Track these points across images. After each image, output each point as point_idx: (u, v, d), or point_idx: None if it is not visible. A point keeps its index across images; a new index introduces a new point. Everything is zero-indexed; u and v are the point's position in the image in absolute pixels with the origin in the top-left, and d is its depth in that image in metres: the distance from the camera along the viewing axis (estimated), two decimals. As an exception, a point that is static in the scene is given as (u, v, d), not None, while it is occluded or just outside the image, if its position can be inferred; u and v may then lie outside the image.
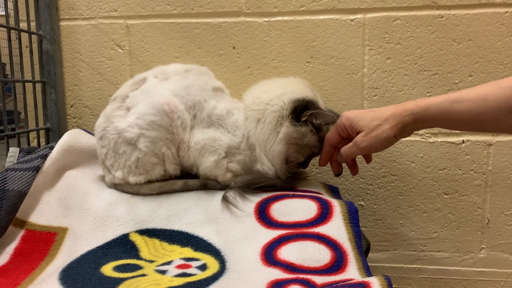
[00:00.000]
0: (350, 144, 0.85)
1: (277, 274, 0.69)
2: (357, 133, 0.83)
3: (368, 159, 0.93)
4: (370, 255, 1.09)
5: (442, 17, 1.10)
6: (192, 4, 1.17)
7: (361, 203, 1.19)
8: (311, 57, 1.16)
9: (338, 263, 0.72)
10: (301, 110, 0.89)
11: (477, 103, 0.72)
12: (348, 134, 0.86)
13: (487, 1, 1.09)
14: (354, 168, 0.94)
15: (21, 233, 0.78)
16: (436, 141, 1.15)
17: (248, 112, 0.92)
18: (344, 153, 0.86)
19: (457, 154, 1.15)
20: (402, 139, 1.14)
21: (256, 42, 1.17)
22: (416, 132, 1.15)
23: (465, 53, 1.11)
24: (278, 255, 0.73)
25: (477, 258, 1.19)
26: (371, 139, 0.81)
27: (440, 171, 1.16)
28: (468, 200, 1.16)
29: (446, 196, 1.17)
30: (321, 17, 1.14)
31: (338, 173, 0.94)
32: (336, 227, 0.78)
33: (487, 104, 0.71)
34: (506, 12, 1.08)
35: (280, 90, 0.92)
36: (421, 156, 1.16)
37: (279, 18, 1.15)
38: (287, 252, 0.73)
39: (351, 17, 1.13)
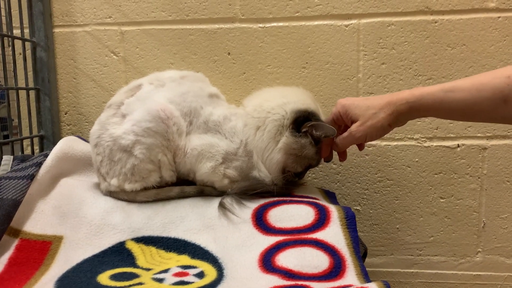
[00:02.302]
0: (345, 134, 0.84)
1: (276, 281, 0.68)
2: (352, 121, 0.83)
3: (361, 147, 0.92)
4: (366, 260, 1.09)
5: (436, 22, 1.11)
6: (186, 11, 1.17)
7: (358, 208, 1.19)
8: (306, 63, 1.16)
9: (336, 269, 0.72)
10: (302, 121, 0.88)
11: (471, 92, 0.72)
12: (343, 122, 0.86)
13: (480, 6, 1.10)
14: (343, 155, 0.93)
15: (16, 242, 0.77)
16: (432, 145, 1.15)
17: (249, 119, 0.92)
18: (340, 143, 0.87)
19: (452, 158, 1.15)
20: (397, 143, 1.16)
21: (251, 48, 1.17)
22: (411, 136, 1.15)
23: (459, 57, 1.12)
24: (276, 261, 0.73)
25: (473, 262, 1.19)
26: (366, 129, 0.81)
27: (435, 175, 1.16)
28: (464, 204, 1.17)
29: (442, 200, 1.17)
30: (316, 22, 1.14)
31: (329, 160, 0.94)
32: (334, 233, 0.78)
33: (482, 94, 0.71)
34: (499, 17, 1.09)
35: (283, 99, 0.92)
36: (417, 161, 1.16)
37: (274, 24, 1.15)
38: (285, 259, 0.73)
39: (346, 22, 1.13)
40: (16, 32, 1.16)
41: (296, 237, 0.78)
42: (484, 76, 0.72)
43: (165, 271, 0.74)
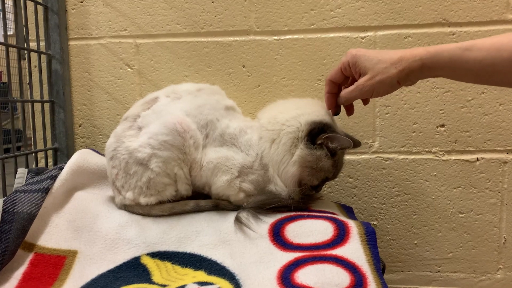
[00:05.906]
0: (351, 88, 0.81)
1: (296, 299, 0.66)
2: (360, 74, 0.79)
3: (365, 102, 0.88)
4: (384, 276, 1.06)
5: (453, 34, 1.10)
6: (201, 23, 1.17)
7: (374, 222, 1.17)
8: (322, 75, 1.15)
9: (357, 287, 0.69)
10: (317, 133, 0.87)
11: (490, 52, 0.68)
12: (351, 73, 0.82)
13: (498, 18, 1.08)
14: (350, 110, 0.90)
15: (30, 256, 0.76)
16: (450, 159, 1.13)
17: (263, 132, 0.91)
18: (345, 96, 0.83)
19: (471, 172, 1.13)
20: (415, 157, 1.13)
21: (266, 61, 1.16)
22: (429, 150, 1.13)
23: (477, 70, 1.10)
24: (295, 279, 0.70)
25: (494, 279, 1.15)
26: (374, 84, 0.77)
27: (454, 190, 1.14)
28: (483, 219, 1.14)
29: (461, 215, 1.15)
30: (332, 35, 1.13)
31: (336, 113, 0.89)
32: (354, 249, 0.76)
33: (501, 54, 0.67)
34: (518, 28, 1.08)
35: (297, 111, 0.90)
36: (435, 175, 1.14)
37: (289, 36, 1.15)
38: (304, 276, 0.71)
39: (362, 34, 1.12)
40: (32, 45, 1.17)
41: (315, 254, 0.76)
42: (505, 36, 0.69)
43: (182, 287, 0.72)
